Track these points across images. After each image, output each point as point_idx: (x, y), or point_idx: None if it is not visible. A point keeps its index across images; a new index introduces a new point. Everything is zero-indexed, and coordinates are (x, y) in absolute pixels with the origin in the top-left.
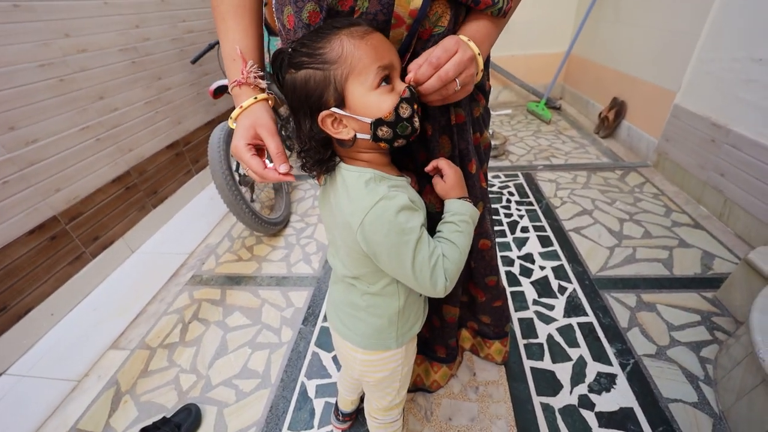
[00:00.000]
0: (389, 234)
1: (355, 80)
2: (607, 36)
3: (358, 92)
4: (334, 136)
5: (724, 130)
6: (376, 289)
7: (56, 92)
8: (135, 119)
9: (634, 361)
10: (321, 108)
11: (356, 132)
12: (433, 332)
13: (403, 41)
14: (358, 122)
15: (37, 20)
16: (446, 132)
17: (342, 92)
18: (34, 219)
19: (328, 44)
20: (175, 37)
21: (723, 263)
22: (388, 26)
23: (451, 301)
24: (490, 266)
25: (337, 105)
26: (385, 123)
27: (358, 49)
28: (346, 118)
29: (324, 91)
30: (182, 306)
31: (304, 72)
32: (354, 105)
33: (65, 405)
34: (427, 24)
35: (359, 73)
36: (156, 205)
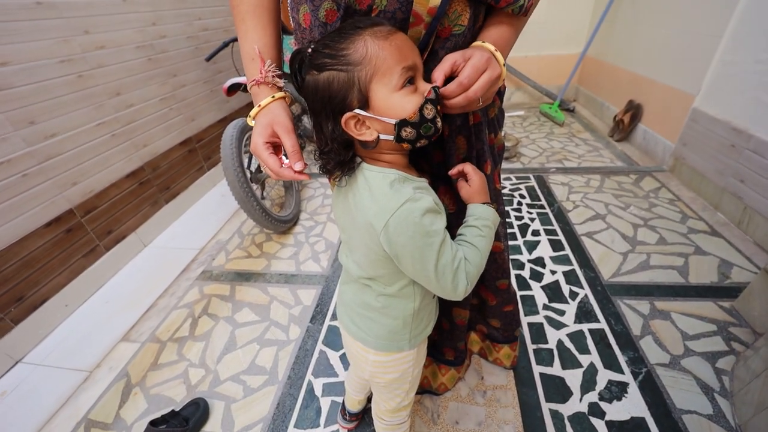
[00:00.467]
0: (414, 236)
1: (379, 81)
2: (624, 37)
3: (383, 93)
4: (357, 137)
5: (745, 134)
6: (393, 290)
7: (75, 88)
8: (150, 115)
9: (646, 370)
10: (344, 110)
11: (379, 133)
12: (442, 335)
13: (422, 40)
14: (381, 123)
15: (58, 17)
16: (463, 132)
17: (366, 94)
18: (51, 212)
19: (352, 45)
20: (190, 34)
21: (741, 272)
22: (407, 24)
23: (461, 304)
24: (501, 269)
25: (360, 106)
26: (409, 124)
27: (383, 50)
28: (370, 119)
29: (348, 93)
30: (192, 301)
31: (327, 74)
32: (378, 106)
33: (77, 395)
34: (446, 22)
35: (383, 75)
36: (168, 201)
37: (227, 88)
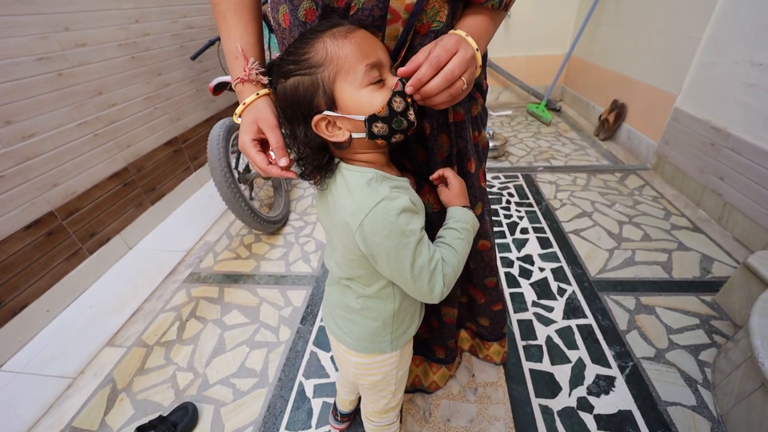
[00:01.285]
0: (390, 236)
1: (343, 80)
2: (608, 38)
3: (348, 92)
4: (330, 139)
5: (723, 133)
6: (371, 291)
7: (54, 86)
8: (133, 115)
9: (633, 364)
10: (313, 113)
11: (351, 132)
12: (431, 333)
13: (399, 37)
14: (352, 122)
15: (36, 13)
16: (444, 130)
17: (331, 94)
18: (31, 214)
19: (312, 48)
20: (175, 32)
21: (722, 267)
22: (384, 22)
23: (449, 302)
24: (489, 267)
25: (328, 108)
26: (379, 119)
27: (342, 48)
28: (340, 119)
29: (314, 96)
30: (180, 304)
31: (292, 79)
32: (345, 105)
33: (60, 402)
34: (424, 19)
35: (347, 73)
36: (154, 202)
37: (213, 87)
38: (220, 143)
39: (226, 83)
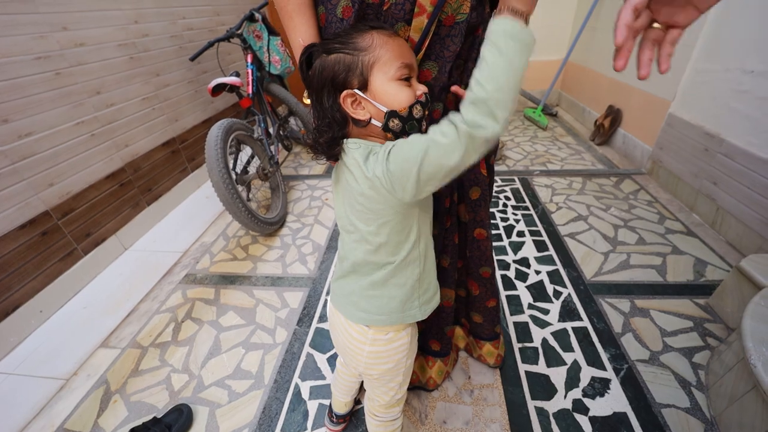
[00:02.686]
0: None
1: (379, 69)
2: (604, 44)
3: (380, 80)
4: (352, 115)
5: (717, 139)
6: (399, 258)
7: (52, 86)
8: (131, 115)
9: (627, 366)
10: (345, 87)
11: (372, 116)
12: (427, 322)
13: (424, 28)
14: (374, 108)
15: (34, 12)
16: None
17: (366, 77)
18: (26, 214)
19: (360, 36)
20: (174, 33)
21: (715, 270)
22: (411, 14)
23: (446, 283)
24: (485, 257)
25: (359, 87)
26: (398, 116)
27: (387, 44)
28: (365, 101)
29: (350, 73)
30: (175, 305)
31: (335, 55)
32: (375, 91)
33: (52, 404)
34: (449, 11)
35: (384, 64)
36: (150, 203)
37: (212, 88)
38: (218, 144)
39: (225, 84)
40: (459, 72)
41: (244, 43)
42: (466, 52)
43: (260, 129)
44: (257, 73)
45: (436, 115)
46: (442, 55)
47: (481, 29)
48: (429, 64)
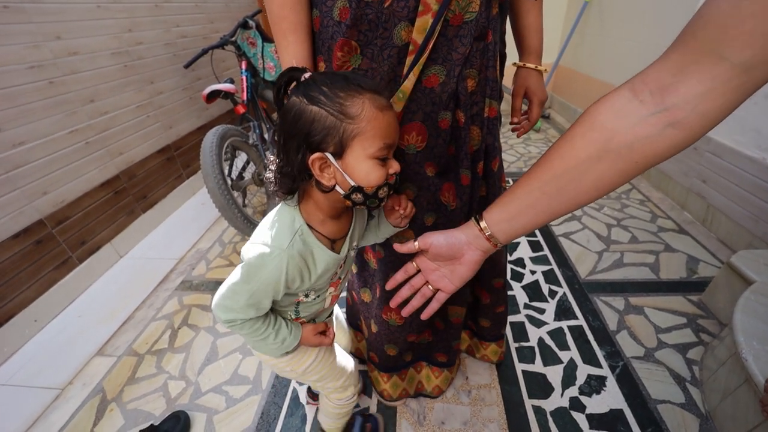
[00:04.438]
0: (243, 267)
1: (360, 143)
2: (593, 48)
3: (357, 154)
4: (317, 177)
5: (705, 138)
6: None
7: (45, 94)
8: (125, 123)
9: (623, 364)
10: (316, 148)
11: (336, 183)
12: (436, 336)
13: (429, 29)
14: (341, 177)
15: (27, 22)
16: (477, 123)
17: (344, 146)
18: (20, 222)
19: (351, 99)
20: (168, 41)
21: (707, 267)
22: (416, 13)
23: (458, 301)
24: (497, 268)
25: (333, 153)
26: (362, 192)
27: (376, 119)
28: (336, 170)
29: (328, 137)
30: (171, 312)
31: (317, 109)
32: (348, 163)
33: (48, 414)
34: (456, 10)
35: (366, 139)
36: (145, 210)
37: (207, 95)
38: (213, 150)
39: (219, 91)
40: (474, 82)
41: (238, 50)
42: (479, 61)
43: (255, 135)
44: (252, 80)
45: (444, 125)
46: (450, 58)
47: (491, 34)
48: (435, 68)
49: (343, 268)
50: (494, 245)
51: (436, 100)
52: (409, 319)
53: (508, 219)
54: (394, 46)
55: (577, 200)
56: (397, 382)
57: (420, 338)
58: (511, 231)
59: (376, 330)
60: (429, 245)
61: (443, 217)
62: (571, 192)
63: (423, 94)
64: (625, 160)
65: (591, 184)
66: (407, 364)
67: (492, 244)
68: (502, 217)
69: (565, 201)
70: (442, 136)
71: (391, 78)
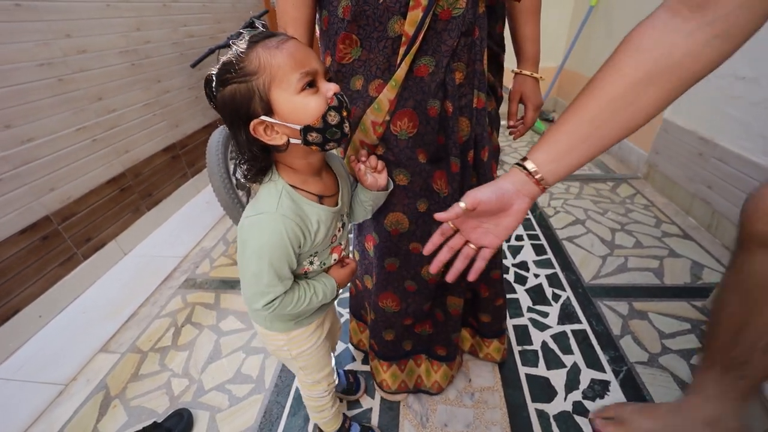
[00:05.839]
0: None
1: (278, 87)
2: (599, 51)
3: (283, 98)
4: (268, 142)
5: (711, 144)
6: None
7: (54, 92)
8: (132, 121)
9: (627, 368)
10: (251, 118)
11: (289, 137)
12: (436, 327)
13: (419, 22)
14: (288, 128)
15: (38, 20)
16: (466, 114)
17: (267, 101)
18: (27, 218)
19: (246, 58)
20: (175, 41)
21: (711, 273)
22: (407, 8)
23: (455, 292)
24: (495, 260)
25: (265, 113)
26: (314, 129)
27: (275, 57)
28: (277, 125)
29: (250, 102)
30: (175, 309)
31: (230, 87)
32: (281, 111)
33: (51, 409)
34: (445, 5)
35: (281, 81)
36: (150, 208)
37: None
38: (219, 149)
39: None
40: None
41: None
42: (467, 55)
43: None
44: None
45: (433, 113)
46: (439, 50)
47: (477, 30)
48: (426, 59)
49: (342, 232)
50: (542, 188)
51: (425, 89)
52: (404, 306)
53: (557, 158)
54: (389, 38)
55: (629, 126)
56: (396, 373)
57: (421, 329)
58: (561, 170)
59: (374, 317)
60: (478, 202)
61: (435, 204)
62: (623, 119)
63: (414, 83)
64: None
65: (643, 107)
66: (407, 353)
67: (541, 188)
68: (550, 156)
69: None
70: (431, 124)
71: (386, 67)
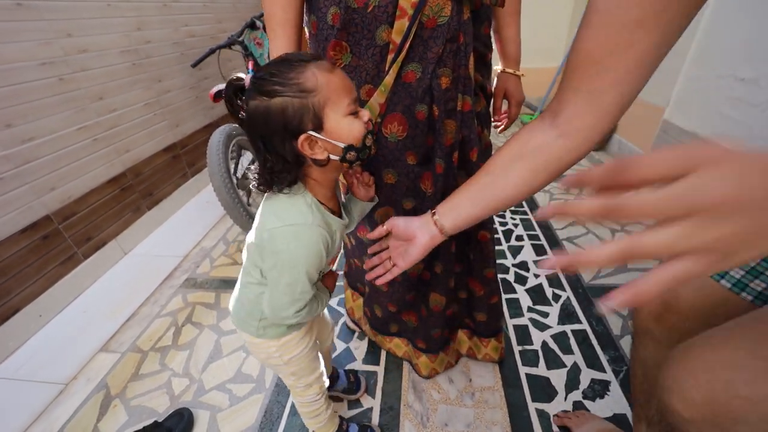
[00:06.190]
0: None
1: (331, 109)
2: None
3: (333, 118)
4: (311, 156)
5: None
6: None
7: (55, 91)
8: (133, 120)
9: (626, 368)
10: (299, 132)
11: (329, 154)
12: (420, 321)
13: (405, 31)
14: (332, 145)
15: (39, 19)
16: (452, 116)
17: (321, 118)
18: (27, 217)
19: (302, 75)
20: (176, 40)
21: None
22: (394, 17)
23: (438, 289)
24: (487, 259)
25: (314, 129)
26: (353, 149)
27: (332, 80)
28: (324, 141)
29: (303, 117)
30: (176, 309)
31: (280, 99)
32: (330, 130)
33: (51, 409)
34: (430, 14)
35: (335, 103)
36: (151, 207)
37: (214, 94)
38: (219, 149)
39: None
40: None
41: (245, 50)
42: (452, 61)
43: None
44: None
45: (421, 117)
46: (425, 57)
47: (462, 36)
48: (413, 65)
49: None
50: (440, 230)
51: (413, 94)
52: (391, 291)
53: (451, 209)
54: (377, 46)
55: (505, 194)
56: (383, 341)
57: (407, 318)
58: (456, 219)
59: (368, 291)
60: (392, 226)
61: (421, 202)
62: (498, 187)
63: (402, 88)
64: (534, 161)
65: (512, 180)
66: (392, 334)
67: (438, 229)
68: (447, 207)
69: (495, 194)
70: (420, 127)
71: (375, 73)
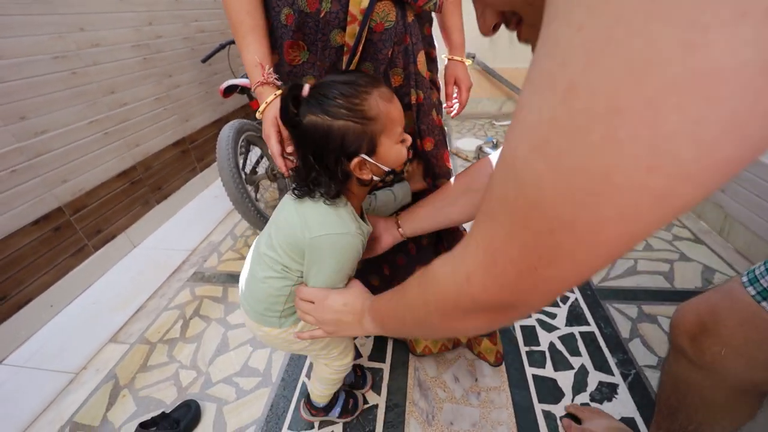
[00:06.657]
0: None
1: (386, 137)
2: None
3: (386, 145)
4: (358, 176)
5: None
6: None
7: (68, 84)
8: (143, 115)
9: (635, 372)
10: (354, 154)
11: (373, 175)
12: (383, 281)
13: (356, 35)
14: (379, 168)
15: (52, 13)
16: (408, 109)
17: (375, 144)
18: (40, 209)
19: (366, 103)
20: (186, 36)
21: (723, 278)
22: (345, 22)
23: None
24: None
25: (367, 153)
26: (394, 172)
27: (390, 111)
28: (372, 164)
29: (361, 141)
30: (183, 302)
31: (342, 123)
32: (380, 155)
33: (62, 398)
34: (377, 19)
35: (390, 131)
36: (160, 201)
37: (224, 90)
38: (229, 144)
39: (236, 86)
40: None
41: None
42: (402, 61)
43: None
44: None
45: None
46: (376, 58)
47: (408, 37)
48: (366, 65)
49: None
50: (402, 234)
51: None
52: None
53: (412, 221)
54: (333, 47)
55: (452, 218)
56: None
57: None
58: (415, 229)
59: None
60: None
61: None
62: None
63: None
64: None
65: (459, 208)
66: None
67: (400, 233)
68: (409, 219)
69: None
70: None
71: (333, 70)
